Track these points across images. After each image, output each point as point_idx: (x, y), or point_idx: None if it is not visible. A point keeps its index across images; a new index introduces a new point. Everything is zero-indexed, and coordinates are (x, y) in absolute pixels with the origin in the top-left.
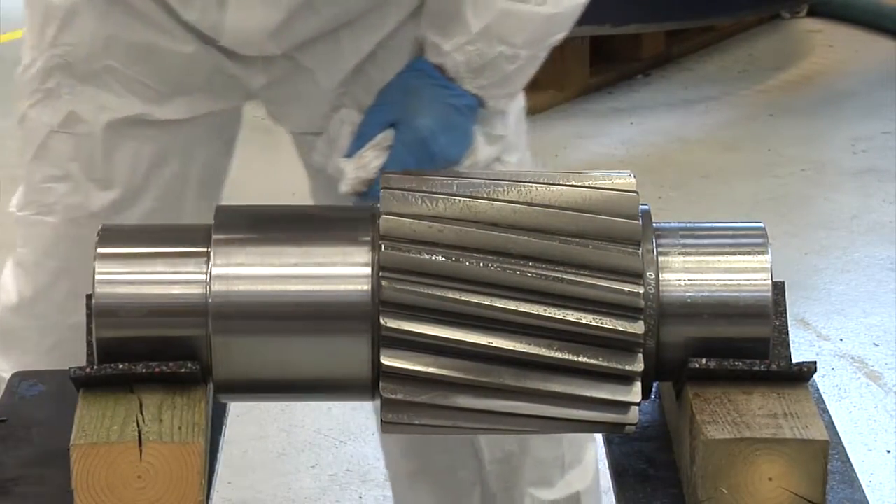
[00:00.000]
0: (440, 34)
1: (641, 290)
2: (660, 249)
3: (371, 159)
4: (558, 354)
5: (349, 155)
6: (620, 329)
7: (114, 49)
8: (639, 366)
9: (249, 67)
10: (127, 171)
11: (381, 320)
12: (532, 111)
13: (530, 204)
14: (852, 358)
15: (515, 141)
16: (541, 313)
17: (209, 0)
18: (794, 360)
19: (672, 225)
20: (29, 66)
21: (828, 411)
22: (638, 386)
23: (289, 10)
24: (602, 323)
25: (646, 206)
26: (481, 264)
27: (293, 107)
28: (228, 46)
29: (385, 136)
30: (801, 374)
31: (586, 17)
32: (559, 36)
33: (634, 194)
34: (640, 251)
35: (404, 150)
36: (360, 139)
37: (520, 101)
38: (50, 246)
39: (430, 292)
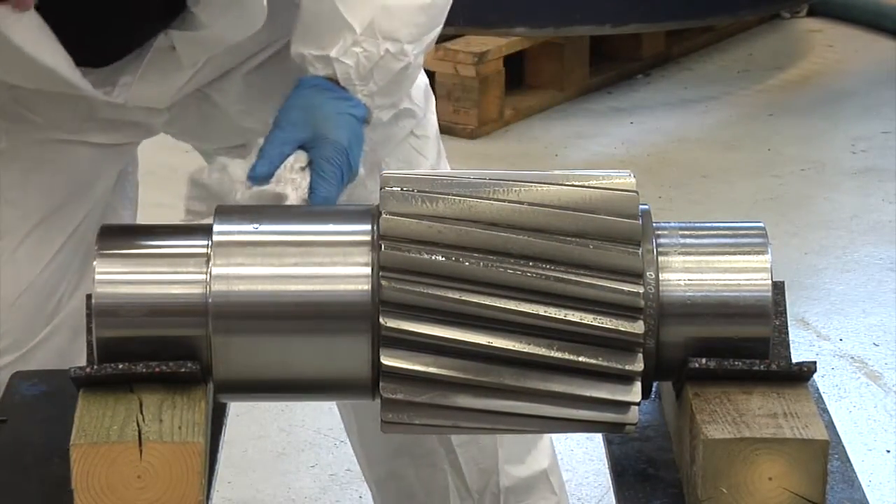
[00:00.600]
0: (322, 45)
1: (641, 290)
2: (660, 249)
3: (300, 181)
4: (558, 354)
5: (254, 176)
6: (620, 329)
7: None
8: (639, 365)
9: (151, 113)
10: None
11: (381, 320)
12: (532, 111)
13: (530, 204)
14: (852, 358)
15: (425, 115)
16: (541, 313)
17: (109, 86)
18: (794, 359)
19: (672, 225)
20: None
21: (828, 411)
22: (638, 386)
23: (185, 81)
24: (602, 323)
25: (646, 206)
26: (481, 264)
27: (198, 130)
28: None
29: (298, 157)
30: (801, 374)
31: (586, 17)
32: (436, 31)
33: (634, 194)
34: (640, 251)
35: (328, 165)
36: (267, 160)
37: (423, 78)
38: None
39: (429, 292)
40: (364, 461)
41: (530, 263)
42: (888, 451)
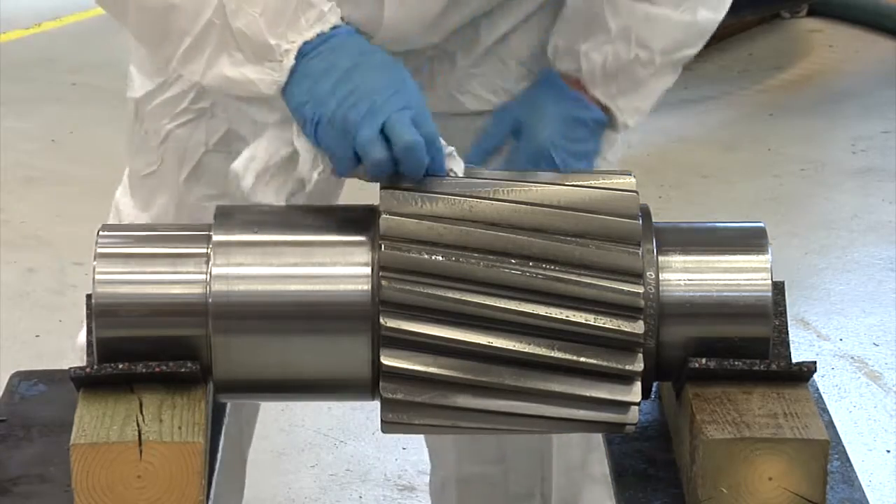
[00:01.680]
0: (576, 39)
1: (641, 290)
2: (660, 249)
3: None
4: (558, 354)
5: (474, 161)
6: (620, 329)
7: None
8: (639, 365)
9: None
10: None
11: (381, 320)
12: None
13: (530, 204)
14: (852, 358)
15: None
16: (541, 313)
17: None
18: (794, 359)
19: (672, 225)
20: (163, 85)
21: (828, 411)
22: (638, 386)
23: (444, 4)
24: (602, 323)
25: (646, 206)
26: (481, 264)
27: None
28: (381, 44)
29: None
30: (801, 374)
31: None
32: (692, 50)
33: (634, 194)
34: (640, 251)
35: (524, 159)
36: (484, 142)
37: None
38: None
39: (429, 292)
40: (452, 457)
41: (530, 263)
42: (888, 451)
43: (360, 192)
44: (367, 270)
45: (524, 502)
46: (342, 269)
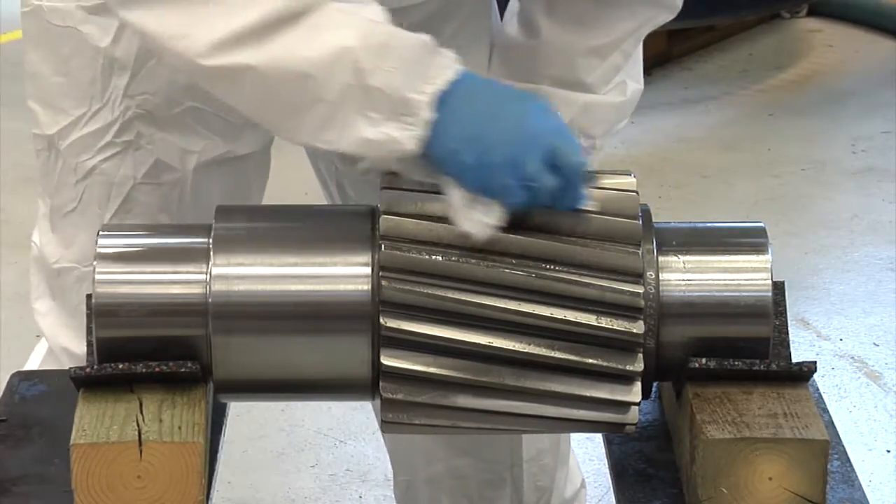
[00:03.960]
0: None
1: (641, 290)
2: (660, 249)
3: None
4: (558, 354)
5: None
6: (620, 329)
7: (195, 88)
8: (639, 366)
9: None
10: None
11: (381, 320)
12: None
13: None
14: (852, 358)
15: None
16: (541, 313)
17: None
18: (794, 359)
19: (672, 225)
20: (81, 119)
21: (828, 411)
22: (638, 386)
23: None
24: (602, 323)
25: (646, 206)
26: (481, 264)
27: None
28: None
29: None
30: (801, 374)
31: None
32: (623, 123)
33: (634, 194)
34: (640, 251)
35: None
36: None
37: None
38: None
39: (429, 292)
40: (416, 458)
41: (530, 263)
42: (888, 451)
43: None
44: (367, 270)
45: (496, 490)
46: (342, 269)
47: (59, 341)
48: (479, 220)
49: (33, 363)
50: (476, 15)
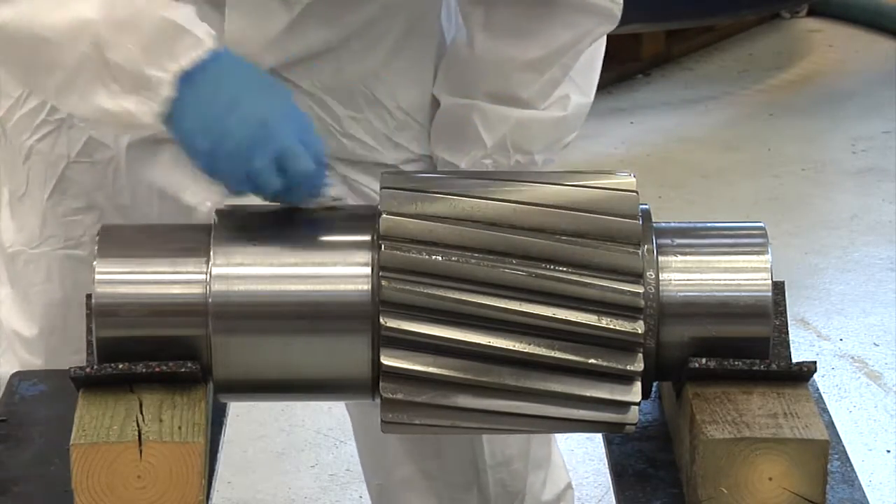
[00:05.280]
0: (454, 152)
1: (641, 290)
2: (660, 249)
3: None
4: (558, 354)
5: None
6: (620, 329)
7: None
8: (639, 365)
9: None
10: (150, 194)
11: (381, 320)
12: None
13: (530, 204)
14: (852, 358)
15: None
16: (541, 313)
17: (207, 11)
18: (794, 359)
19: (672, 225)
20: (20, 101)
21: (828, 411)
22: (638, 386)
23: (286, 22)
24: (602, 323)
25: (646, 206)
26: (481, 264)
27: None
28: None
29: None
30: (801, 374)
31: None
32: (570, 137)
33: (634, 194)
34: (640, 251)
35: None
36: None
37: None
38: (81, 279)
39: (430, 292)
40: (387, 460)
41: (530, 263)
42: (888, 451)
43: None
44: (367, 270)
45: (463, 493)
46: (342, 269)
47: (11, 325)
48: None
49: None
50: (417, 28)
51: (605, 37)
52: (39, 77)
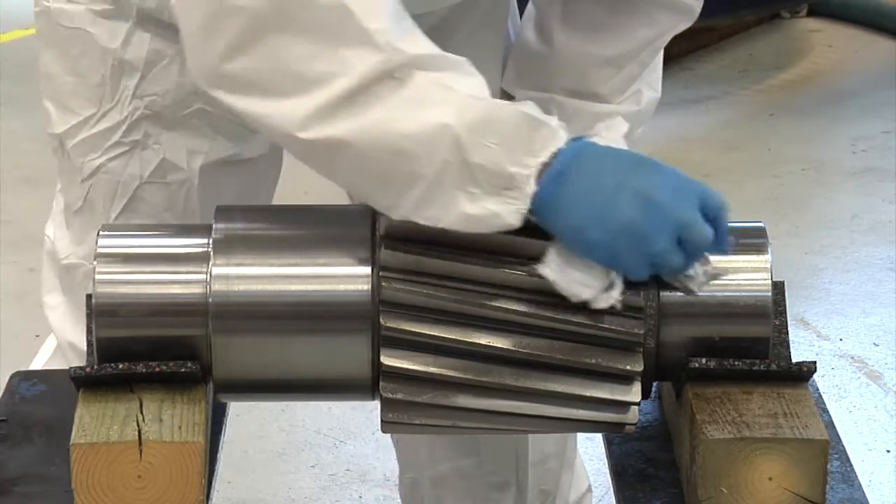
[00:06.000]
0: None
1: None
2: None
3: None
4: (558, 354)
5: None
6: (620, 329)
7: (203, 91)
8: (639, 365)
9: None
10: None
11: (381, 320)
12: None
13: None
14: (852, 358)
15: None
16: (541, 313)
17: None
18: (794, 359)
19: None
20: (90, 119)
21: (828, 411)
22: (638, 385)
23: None
24: (602, 323)
25: None
26: (481, 264)
27: None
28: None
29: None
30: (801, 374)
31: None
32: (639, 131)
33: None
34: None
35: None
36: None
37: None
38: None
39: (430, 292)
40: (423, 457)
41: (530, 263)
42: (888, 451)
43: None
44: (367, 270)
45: (500, 492)
46: (342, 269)
47: (66, 336)
48: (581, 282)
49: (40, 360)
50: (488, 22)
51: None
52: (397, 192)
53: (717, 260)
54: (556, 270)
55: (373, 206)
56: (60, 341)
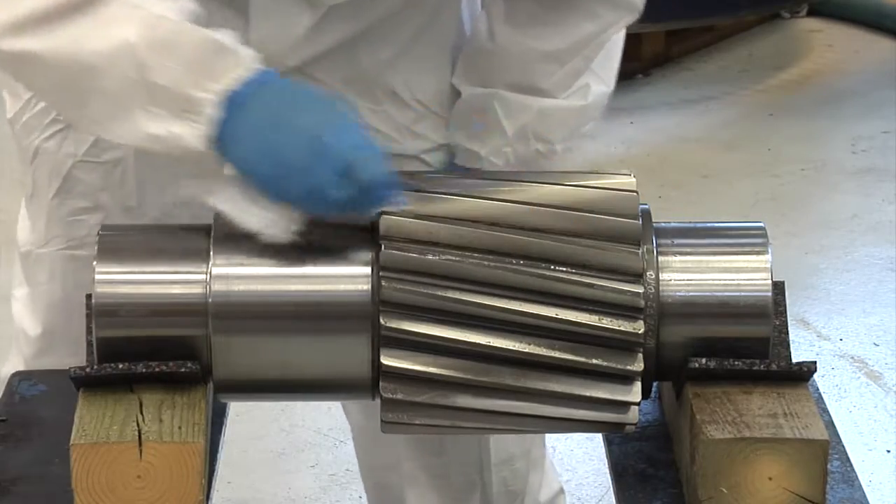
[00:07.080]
0: (474, 141)
1: (641, 290)
2: (660, 249)
3: None
4: (558, 354)
5: None
6: (620, 329)
7: None
8: (639, 365)
9: None
10: (158, 196)
11: (381, 320)
12: None
13: (530, 204)
14: (852, 358)
15: None
16: (541, 313)
17: (230, 17)
18: (794, 359)
19: (672, 225)
20: (30, 102)
21: (828, 411)
22: (638, 386)
23: (312, 21)
24: (602, 323)
25: (646, 206)
26: (481, 264)
27: None
28: None
29: None
30: (801, 374)
31: None
32: (589, 126)
33: (634, 194)
34: (640, 251)
35: None
36: None
37: None
38: (82, 279)
39: (430, 292)
40: (389, 457)
41: (530, 263)
42: (888, 451)
43: None
44: (367, 270)
45: (467, 492)
46: (342, 268)
47: (20, 324)
48: (253, 213)
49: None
50: (438, 17)
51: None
52: (84, 106)
53: (717, 260)
54: (229, 201)
55: (67, 122)
56: (16, 329)
